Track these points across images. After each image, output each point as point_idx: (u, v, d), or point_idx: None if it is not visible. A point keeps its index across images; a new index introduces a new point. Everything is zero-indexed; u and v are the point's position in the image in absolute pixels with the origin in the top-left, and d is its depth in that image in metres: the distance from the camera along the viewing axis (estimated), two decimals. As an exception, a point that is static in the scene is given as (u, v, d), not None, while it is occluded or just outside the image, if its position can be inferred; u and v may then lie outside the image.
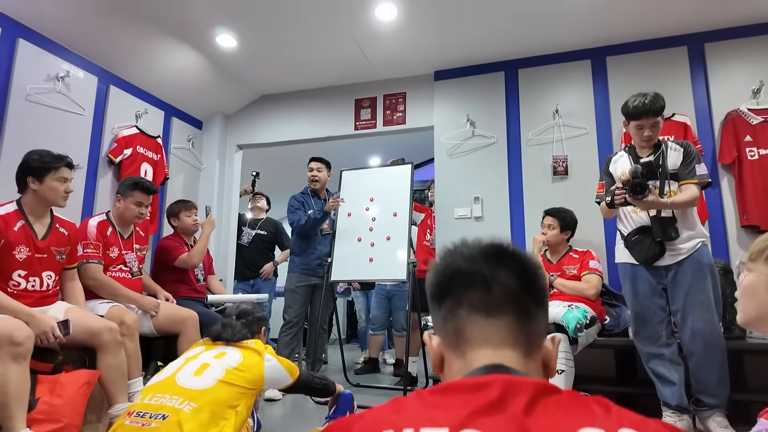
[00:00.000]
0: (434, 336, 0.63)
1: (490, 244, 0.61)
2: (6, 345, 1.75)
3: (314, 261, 3.29)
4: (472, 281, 0.58)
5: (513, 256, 0.60)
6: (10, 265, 2.00)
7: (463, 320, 0.58)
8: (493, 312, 0.57)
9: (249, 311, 1.89)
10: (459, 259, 0.60)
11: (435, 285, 0.62)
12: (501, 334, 0.56)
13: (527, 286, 0.58)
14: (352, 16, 2.94)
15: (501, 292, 0.57)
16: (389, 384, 3.47)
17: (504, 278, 0.57)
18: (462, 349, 0.58)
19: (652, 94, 2.17)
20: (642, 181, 2.05)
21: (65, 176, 2.13)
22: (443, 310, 0.60)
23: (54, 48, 2.77)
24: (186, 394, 1.44)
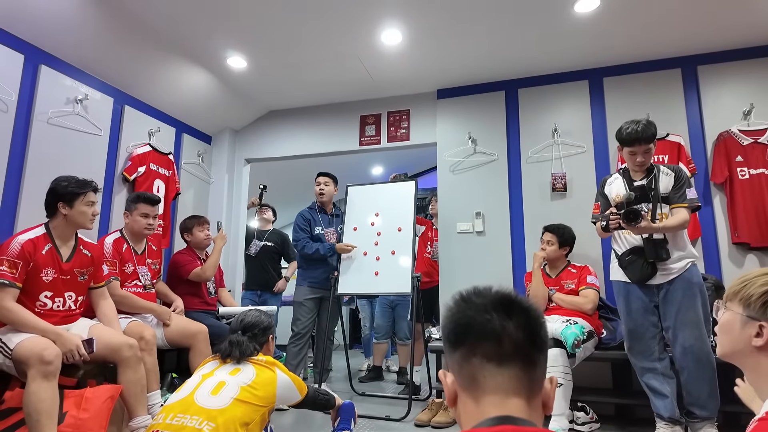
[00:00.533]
0: (449, 374, 0.70)
1: (500, 295, 0.69)
2: (37, 364, 1.86)
3: (321, 275, 3.40)
4: (484, 333, 0.65)
5: (520, 307, 0.67)
6: (38, 286, 2.11)
7: (476, 368, 0.65)
8: (503, 362, 0.64)
9: (254, 323, 1.87)
10: (472, 310, 0.68)
11: (450, 331, 0.69)
12: (510, 383, 0.64)
13: (533, 337, 0.66)
14: (358, 40, 3.06)
15: (511, 344, 0.64)
16: (393, 393, 3.58)
17: (513, 331, 0.65)
18: (476, 394, 0.65)
19: (644, 121, 2.29)
20: (635, 209, 2.17)
21: (92, 200, 2.25)
22: (458, 355, 0.67)
23: (73, 72, 2.89)
24: (205, 414, 1.49)
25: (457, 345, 0.67)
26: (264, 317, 1.90)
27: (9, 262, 2.00)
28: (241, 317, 1.88)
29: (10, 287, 1.99)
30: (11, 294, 2.00)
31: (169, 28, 2.91)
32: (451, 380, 0.69)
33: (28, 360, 1.87)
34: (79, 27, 2.69)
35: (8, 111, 2.50)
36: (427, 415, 2.74)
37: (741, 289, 0.96)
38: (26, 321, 2.00)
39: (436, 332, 3.21)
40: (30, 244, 2.06)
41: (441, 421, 2.67)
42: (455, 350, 0.68)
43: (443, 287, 3.47)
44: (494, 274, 3.32)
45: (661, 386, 2.25)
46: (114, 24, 2.78)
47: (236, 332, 1.81)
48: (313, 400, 1.93)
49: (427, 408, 2.82)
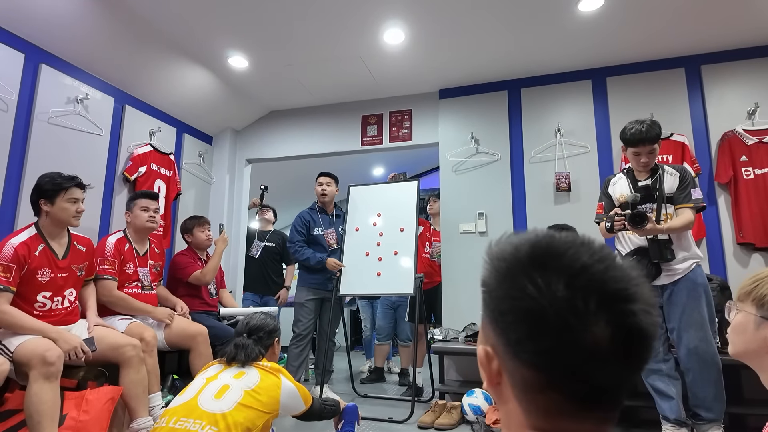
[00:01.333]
0: (495, 360, 0.50)
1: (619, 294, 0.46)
2: (39, 365, 1.85)
3: (323, 276, 3.38)
4: (573, 377, 0.46)
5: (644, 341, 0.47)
6: (35, 288, 2.08)
7: (550, 401, 0.47)
8: (587, 408, 0.47)
9: (260, 326, 1.83)
10: (565, 317, 0.46)
11: (512, 331, 0.47)
12: (590, 427, 0.48)
13: (637, 373, 0.49)
14: (361, 39, 3.05)
15: (614, 394, 0.48)
16: (395, 395, 3.56)
17: (622, 375, 0.48)
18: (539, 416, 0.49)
19: (648, 121, 2.27)
20: (640, 212, 2.16)
21: (76, 196, 2.18)
22: (523, 371, 0.48)
23: (73, 71, 2.87)
24: (208, 418, 1.47)
25: (521, 361, 0.46)
26: (270, 320, 1.87)
27: (2, 266, 1.97)
28: (247, 320, 1.85)
29: (4, 291, 1.97)
30: (5, 298, 1.98)
31: (170, 27, 2.89)
32: (497, 369, 0.49)
33: (30, 361, 1.85)
34: (79, 26, 2.68)
35: (8, 110, 2.49)
36: (431, 417, 2.72)
37: (753, 290, 0.94)
38: (24, 323, 1.98)
39: (439, 333, 3.19)
40: (23, 246, 2.04)
41: (444, 423, 2.64)
42: (517, 362, 0.46)
43: (446, 289, 3.45)
44: (497, 275, 3.30)
45: (666, 388, 2.23)
46: (115, 23, 2.76)
47: (242, 335, 1.78)
48: (319, 413, 1.88)
49: (430, 410, 2.80)
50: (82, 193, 2.23)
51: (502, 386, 0.49)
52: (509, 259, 0.48)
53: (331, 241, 3.44)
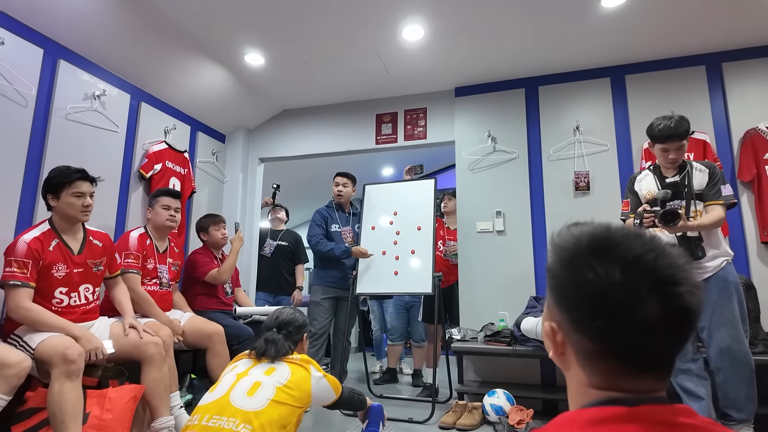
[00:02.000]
0: (559, 333, 0.59)
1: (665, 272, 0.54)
2: (60, 363, 1.81)
3: (338, 274, 3.35)
4: (632, 346, 0.55)
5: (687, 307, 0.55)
6: (51, 283, 2.05)
7: (612, 367, 0.56)
8: (648, 371, 0.57)
9: (290, 321, 1.81)
10: (622, 293, 0.54)
11: (573, 307, 0.57)
12: (650, 385, 0.57)
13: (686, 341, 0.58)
14: (380, 36, 3.02)
15: (668, 358, 0.57)
16: (410, 395, 3.51)
17: (673, 341, 0.56)
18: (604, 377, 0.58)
19: (677, 117, 2.22)
20: (673, 210, 2.10)
21: (81, 190, 2.10)
22: (586, 342, 0.56)
23: (91, 67, 2.85)
24: (242, 416, 1.44)
25: (583, 335, 0.54)
26: (299, 315, 1.85)
27: (18, 262, 1.94)
28: (276, 314, 1.82)
29: (24, 287, 1.94)
30: (26, 294, 1.95)
31: (189, 23, 2.87)
32: (562, 341, 0.58)
33: (51, 359, 1.82)
34: (98, 21, 2.65)
35: (27, 106, 2.46)
36: (452, 417, 2.68)
37: None
38: (48, 320, 1.96)
39: (457, 333, 3.15)
40: (36, 242, 2.00)
41: (466, 424, 2.61)
42: (579, 336, 0.55)
43: (463, 288, 3.41)
44: (515, 275, 3.27)
45: (695, 388, 2.19)
46: (133, 19, 2.74)
47: (271, 330, 1.75)
48: (348, 401, 1.88)
49: (450, 410, 2.76)
50: (89, 186, 2.14)
51: (566, 355, 0.58)
52: (571, 249, 0.56)
53: (348, 238, 3.42)
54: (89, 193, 2.14)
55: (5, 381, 1.70)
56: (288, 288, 4.11)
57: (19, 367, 1.74)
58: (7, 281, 1.93)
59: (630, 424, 0.50)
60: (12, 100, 2.38)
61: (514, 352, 2.80)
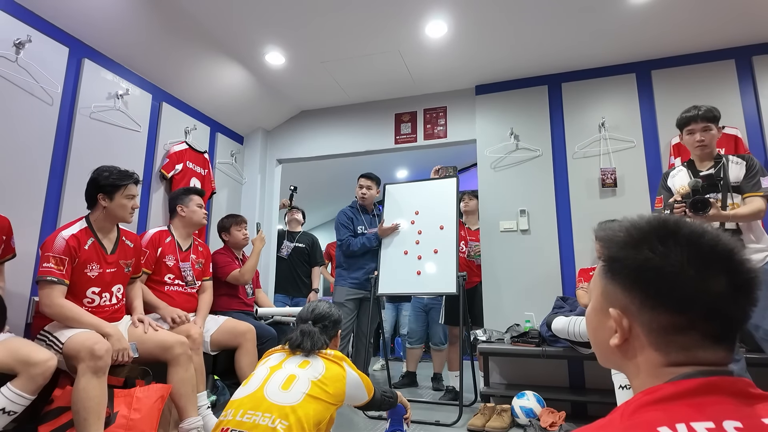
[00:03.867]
0: (625, 318, 0.61)
1: (726, 249, 0.61)
2: (87, 359, 1.78)
3: (363, 275, 3.30)
4: (712, 312, 0.59)
5: (746, 273, 0.62)
6: (84, 283, 2.04)
7: (689, 341, 0.60)
8: (723, 341, 0.61)
9: (325, 314, 1.74)
10: (693, 268, 0.60)
11: (646, 283, 0.60)
12: (724, 356, 0.61)
13: (751, 308, 0.63)
14: (403, 33, 2.99)
15: (738, 324, 0.61)
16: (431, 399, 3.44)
17: (744, 308, 0.61)
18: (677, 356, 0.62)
19: (708, 105, 2.20)
20: (703, 198, 2.02)
21: (133, 193, 2.17)
22: (661, 319, 0.60)
23: (114, 67, 2.85)
24: (277, 411, 1.38)
25: (662, 309, 0.58)
26: (335, 310, 1.78)
27: (56, 258, 1.93)
28: (312, 307, 1.76)
29: (59, 284, 1.93)
30: (61, 291, 1.94)
31: (210, 23, 2.86)
32: (628, 326, 0.60)
33: (79, 353, 1.79)
34: (121, 21, 2.65)
35: (53, 104, 2.46)
36: (481, 420, 2.61)
37: None
38: (81, 317, 1.93)
39: (482, 334, 3.08)
40: (74, 239, 2.00)
41: (496, 427, 2.53)
42: (657, 312, 0.58)
43: (487, 289, 3.35)
44: (541, 275, 3.20)
45: None
46: (156, 19, 2.74)
47: (306, 322, 1.69)
48: (379, 403, 1.81)
49: (479, 413, 2.69)
50: (137, 189, 2.21)
51: (631, 341, 0.61)
52: (637, 234, 0.60)
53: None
54: (137, 195, 2.21)
55: (30, 380, 1.67)
56: (305, 290, 4.08)
57: (45, 366, 1.70)
58: (45, 277, 1.91)
59: (708, 395, 0.53)
60: (38, 97, 2.38)
61: (543, 353, 2.72)
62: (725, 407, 0.52)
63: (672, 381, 0.56)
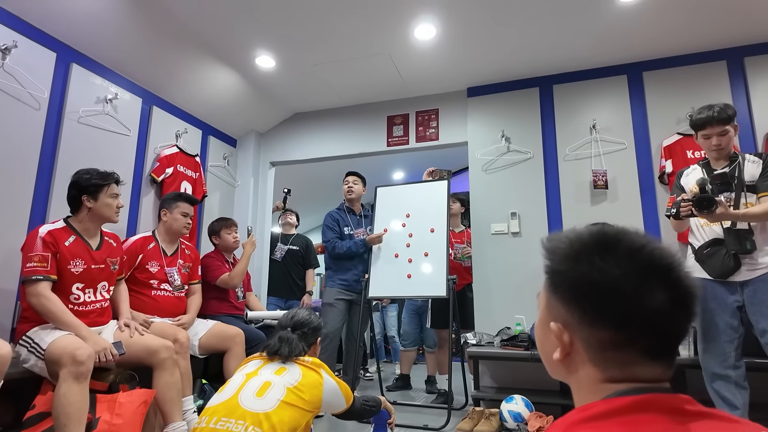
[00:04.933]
0: (566, 333, 0.60)
1: (664, 262, 0.59)
2: (69, 364, 1.78)
3: (352, 276, 3.30)
4: (650, 328, 0.58)
5: (685, 286, 0.60)
6: (68, 279, 2.05)
7: (629, 357, 0.59)
8: (661, 357, 0.60)
9: (305, 321, 1.75)
10: (629, 281, 0.59)
11: (585, 298, 0.60)
12: (662, 372, 0.60)
13: (690, 322, 0.61)
14: (391, 36, 2.99)
15: (676, 339, 0.60)
16: (424, 402, 3.43)
17: (682, 323, 0.61)
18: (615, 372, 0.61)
19: (721, 104, 2.13)
20: (708, 196, 1.96)
21: (116, 192, 2.19)
22: (600, 335, 0.58)
23: (103, 71, 2.85)
24: (251, 418, 1.39)
25: (600, 325, 0.56)
26: (314, 317, 1.79)
27: (37, 256, 1.95)
28: (292, 314, 1.77)
29: (45, 281, 1.95)
30: (47, 285, 1.96)
31: (199, 26, 2.86)
32: (570, 340, 0.59)
33: (60, 359, 1.79)
34: (110, 25, 2.66)
35: (40, 109, 2.46)
36: (469, 424, 2.60)
37: None
38: (61, 314, 1.95)
39: (472, 338, 3.07)
40: (49, 235, 2.01)
41: (484, 431, 2.52)
42: (595, 328, 0.57)
43: (478, 292, 3.34)
44: (532, 277, 3.18)
45: (732, 397, 2.04)
46: (145, 23, 2.74)
47: (285, 329, 1.69)
48: (359, 411, 1.80)
49: (467, 417, 2.68)
50: (119, 189, 2.23)
51: (573, 355, 0.59)
52: (575, 246, 0.59)
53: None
54: (119, 195, 2.23)
55: None
56: (299, 292, 4.07)
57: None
58: (30, 276, 1.93)
59: (641, 413, 0.51)
60: (25, 103, 2.39)
61: (532, 357, 2.71)
62: (658, 425, 0.51)
63: (606, 398, 0.55)
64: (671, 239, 2.93)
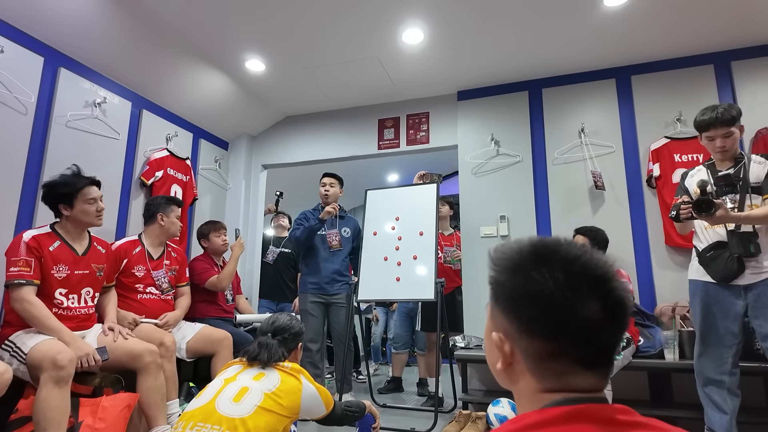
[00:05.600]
0: (507, 342, 0.61)
1: (597, 273, 0.61)
2: (50, 368, 1.79)
3: (323, 279, 3.29)
4: (581, 339, 0.60)
5: (619, 300, 0.62)
6: (51, 284, 2.05)
7: (562, 367, 0.60)
8: (595, 366, 0.61)
9: (285, 327, 1.75)
10: (561, 293, 0.60)
11: (521, 311, 0.61)
12: (596, 382, 0.61)
13: (622, 333, 0.63)
14: (379, 40, 3.00)
15: (608, 351, 0.61)
16: (414, 405, 3.44)
17: (612, 334, 0.62)
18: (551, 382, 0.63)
19: (725, 104, 2.11)
20: (707, 198, 1.93)
21: (93, 196, 2.15)
22: (536, 345, 0.60)
23: (92, 75, 2.86)
24: (227, 423, 1.39)
25: (535, 336, 0.58)
26: (295, 322, 1.78)
27: (21, 261, 1.96)
28: (272, 320, 1.77)
29: (28, 285, 1.95)
30: (31, 290, 1.97)
31: (189, 31, 2.87)
32: (510, 350, 0.60)
33: (41, 363, 1.79)
34: (98, 29, 2.67)
35: (27, 113, 2.47)
36: (455, 427, 2.61)
37: None
38: (44, 318, 1.95)
39: (461, 341, 3.08)
40: (34, 240, 2.02)
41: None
42: (531, 338, 0.58)
43: (467, 295, 3.34)
44: (520, 280, 3.19)
45: (723, 403, 2.03)
46: (133, 27, 2.75)
47: (266, 334, 1.70)
48: (340, 418, 1.79)
49: (454, 420, 2.68)
50: (98, 190, 2.19)
51: (514, 365, 0.60)
52: (515, 258, 0.60)
53: (333, 242, 3.36)
54: (99, 197, 2.19)
55: None
56: (291, 295, 4.08)
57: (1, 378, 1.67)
58: (12, 281, 1.93)
59: (572, 424, 0.52)
60: (11, 107, 2.39)
61: (519, 360, 2.71)
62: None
63: (541, 409, 0.56)
64: (659, 243, 2.95)
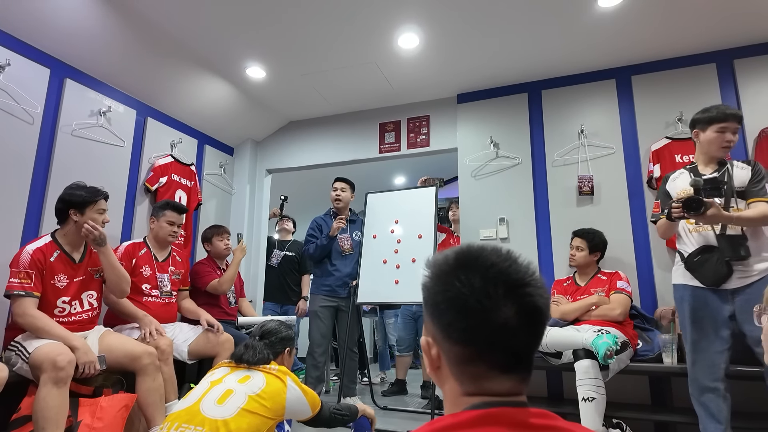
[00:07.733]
0: (434, 346, 0.64)
1: (511, 278, 0.63)
2: (49, 369, 1.86)
3: (335, 282, 3.33)
4: (497, 345, 0.62)
5: (535, 307, 0.63)
6: (53, 293, 2.13)
7: (480, 371, 0.62)
8: (512, 371, 0.63)
9: (273, 331, 1.82)
10: (476, 300, 0.62)
11: (442, 315, 0.64)
12: (514, 386, 0.63)
13: (539, 340, 0.65)
14: (376, 46, 3.03)
15: (524, 356, 0.63)
16: (417, 407, 3.45)
17: (527, 339, 0.63)
18: (472, 385, 0.64)
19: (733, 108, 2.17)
20: (697, 197, 1.93)
21: (103, 208, 2.27)
22: (456, 349, 0.62)
23: (97, 85, 2.96)
24: (209, 425, 1.42)
25: (453, 341, 0.60)
26: (284, 328, 1.85)
27: (22, 273, 2.03)
28: (263, 324, 1.85)
29: (28, 297, 2.02)
30: (32, 303, 2.03)
31: (190, 40, 2.95)
32: (437, 354, 0.63)
33: (42, 364, 1.86)
34: (103, 41, 2.76)
35: (34, 123, 2.57)
36: (451, 430, 2.60)
37: None
38: (50, 329, 2.02)
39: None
40: (39, 252, 2.09)
41: (465, 437, 2.52)
42: (450, 343, 0.60)
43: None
44: (520, 283, 3.18)
45: (718, 411, 2.00)
46: (137, 37, 2.83)
47: (254, 337, 1.76)
48: (327, 420, 1.81)
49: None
50: (106, 204, 2.31)
51: (442, 369, 0.62)
52: (441, 265, 0.62)
53: (345, 246, 3.40)
54: (106, 210, 2.31)
55: None
56: (295, 298, 4.14)
57: None
58: (12, 291, 2.01)
59: (484, 427, 0.54)
60: (19, 117, 2.49)
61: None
62: None
63: (456, 412, 0.57)
64: (660, 245, 2.91)
